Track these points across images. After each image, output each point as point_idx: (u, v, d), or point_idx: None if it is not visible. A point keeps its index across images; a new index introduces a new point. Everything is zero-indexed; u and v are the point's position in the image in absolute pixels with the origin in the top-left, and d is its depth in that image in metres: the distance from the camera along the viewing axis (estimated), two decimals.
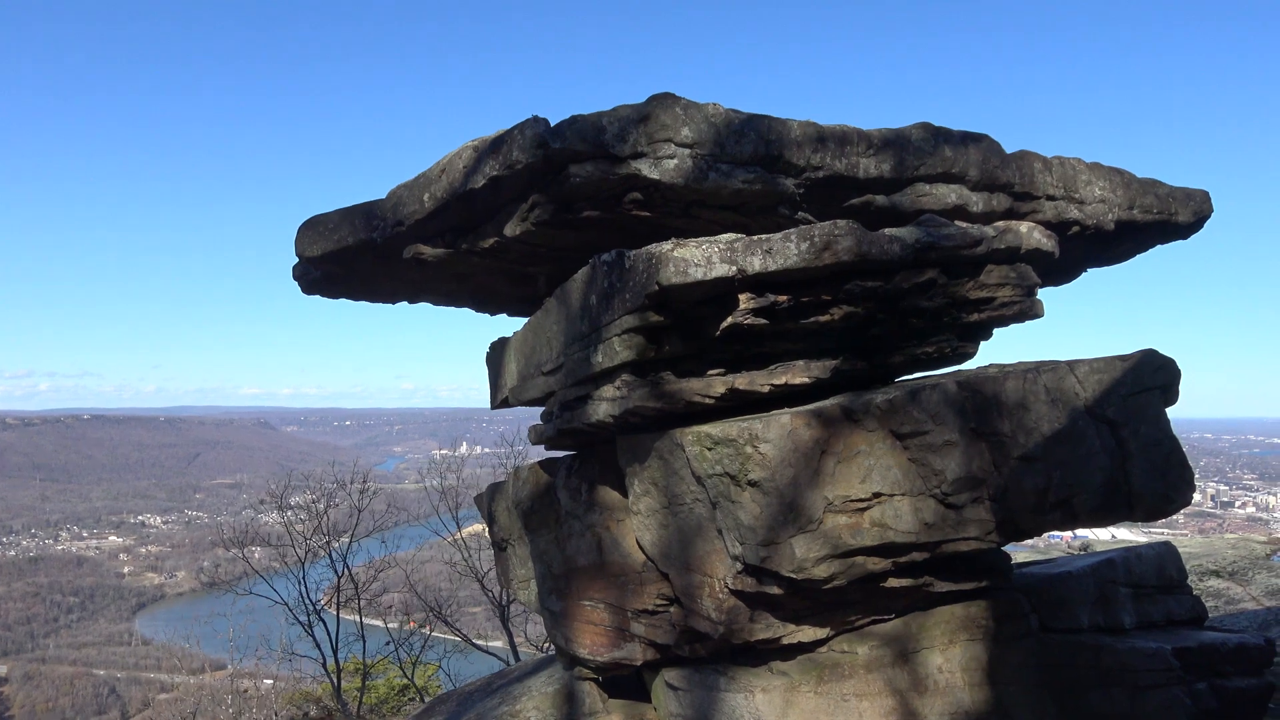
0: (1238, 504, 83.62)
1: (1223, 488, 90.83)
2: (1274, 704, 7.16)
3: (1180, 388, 5.62)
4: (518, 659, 17.68)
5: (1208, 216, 7.16)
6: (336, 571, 19.85)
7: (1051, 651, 5.76)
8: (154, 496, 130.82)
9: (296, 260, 7.19)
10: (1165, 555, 6.94)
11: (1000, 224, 5.82)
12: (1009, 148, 6.25)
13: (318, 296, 7.65)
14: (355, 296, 7.76)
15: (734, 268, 4.95)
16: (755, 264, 4.97)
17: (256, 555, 22.16)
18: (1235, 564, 15.84)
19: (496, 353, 7.61)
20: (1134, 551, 6.90)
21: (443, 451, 25.77)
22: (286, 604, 19.08)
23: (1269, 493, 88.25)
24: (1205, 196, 7.13)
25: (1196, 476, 5.73)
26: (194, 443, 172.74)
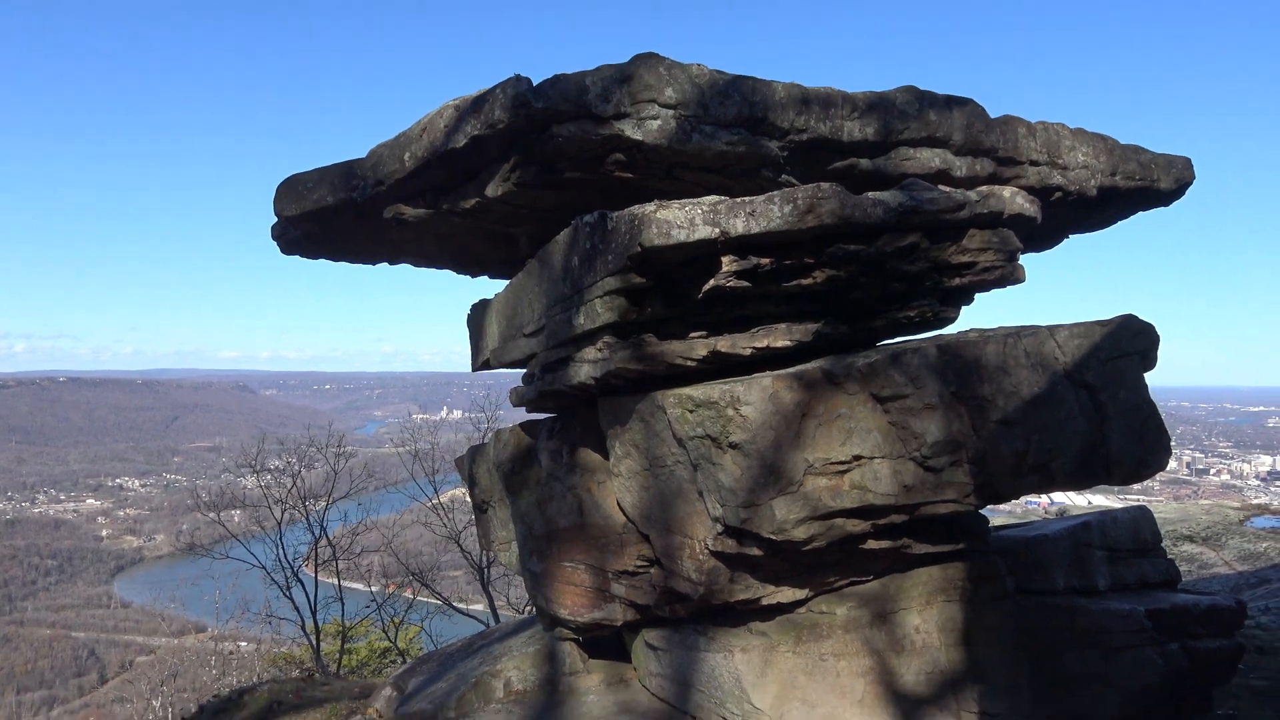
0: (1213, 471, 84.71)
1: (1198, 455, 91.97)
2: (1243, 664, 7.30)
3: (1159, 354, 5.66)
4: (498, 622, 17.77)
5: (1189, 183, 7.18)
6: (314, 534, 19.84)
7: (1027, 613, 5.83)
8: (132, 460, 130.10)
9: (275, 220, 7.12)
10: (1140, 519, 7.02)
11: (983, 188, 5.82)
12: (994, 113, 6.24)
13: (297, 257, 7.58)
14: (335, 257, 7.68)
15: (717, 230, 4.94)
16: (738, 226, 4.96)
17: (235, 518, 22.13)
18: (1209, 529, 16.08)
19: (478, 315, 7.57)
20: (1110, 515, 6.98)
21: (421, 416, 25.73)
22: (264, 567, 19.08)
23: (1243, 460, 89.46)
24: (1187, 164, 7.15)
25: (1173, 444, 5.78)
26: (172, 406, 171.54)
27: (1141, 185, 6.86)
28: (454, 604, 21.16)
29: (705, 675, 6.09)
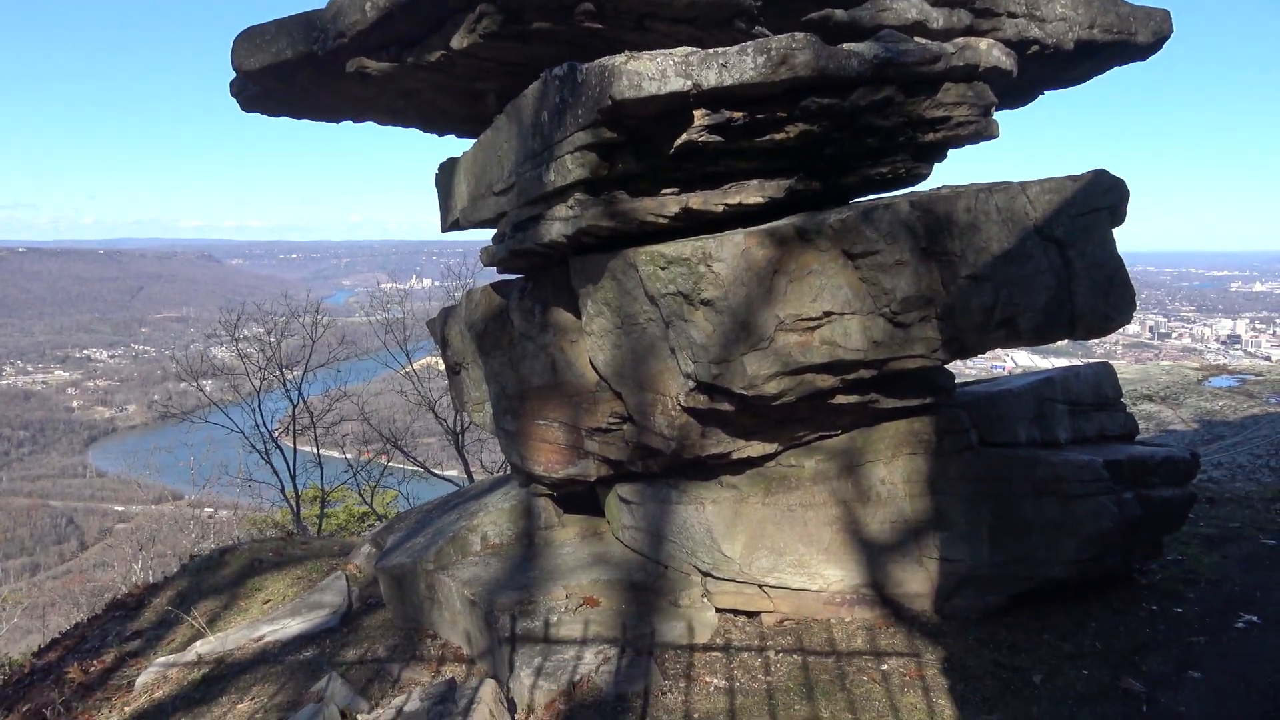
0: (1174, 335, 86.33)
1: (1161, 319, 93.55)
2: (1194, 514, 7.61)
3: (1128, 210, 5.67)
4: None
5: (1167, 37, 7.07)
6: (291, 401, 19.93)
7: (989, 464, 6.00)
8: (98, 331, 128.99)
9: (234, 75, 6.90)
10: (1102, 374, 7.18)
11: (959, 40, 5.70)
12: None
13: (258, 115, 7.38)
14: (297, 114, 7.48)
15: (689, 82, 4.83)
16: (710, 78, 4.85)
17: (209, 388, 22.14)
18: (1168, 389, 16.51)
19: (446, 173, 7.44)
20: (1073, 371, 7.13)
21: (391, 285, 25.56)
22: (243, 432, 19.21)
23: (1205, 324, 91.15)
24: (1165, 16, 7.03)
25: (1137, 308, 5.85)
26: (136, 276, 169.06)
27: (1119, 38, 6.75)
28: (430, 469, 21.49)
29: (677, 527, 6.27)
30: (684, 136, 5.09)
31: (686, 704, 5.23)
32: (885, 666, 5.47)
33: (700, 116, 5.04)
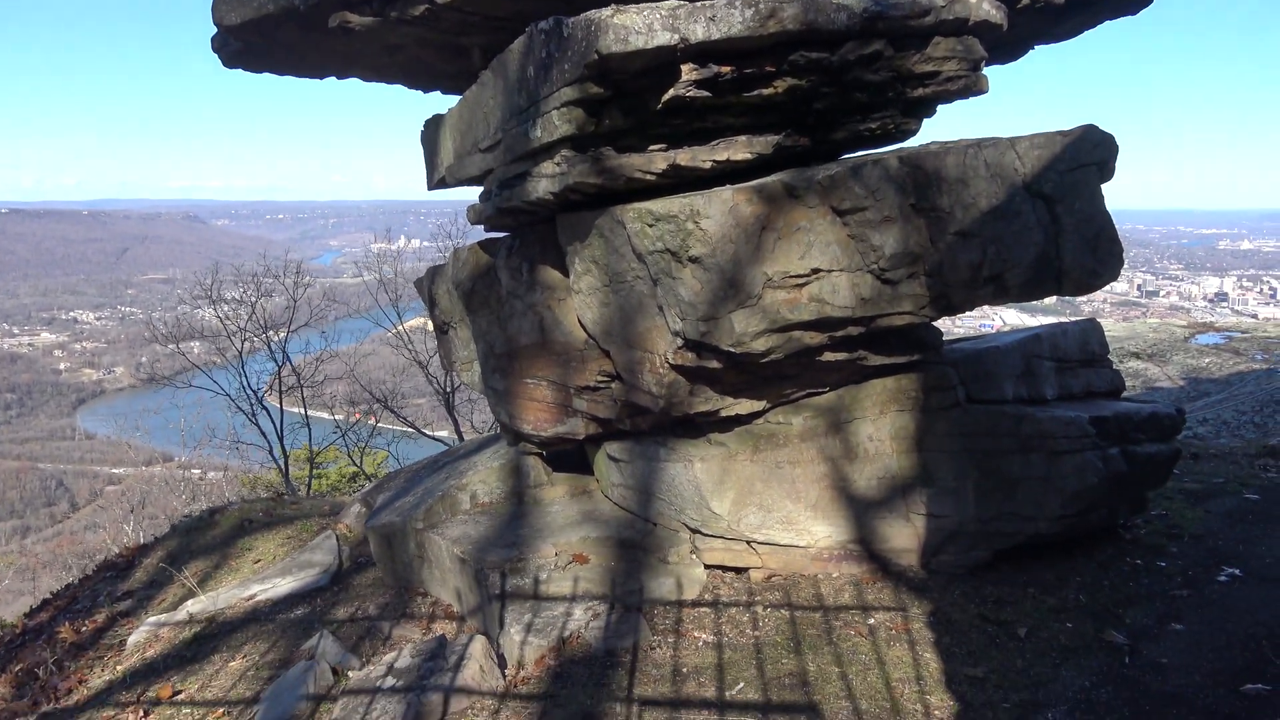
0: (1162, 293, 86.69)
1: (1149, 278, 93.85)
2: (1178, 469, 7.67)
3: (1117, 165, 5.65)
4: None
5: None
6: (277, 362, 19.89)
7: (976, 420, 6.02)
8: (84, 293, 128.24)
9: (215, 30, 6.79)
10: (1089, 331, 7.20)
11: None
12: None
13: (240, 72, 7.28)
14: (280, 70, 7.38)
15: (676, 35, 4.77)
16: (698, 32, 4.79)
17: (195, 350, 22.08)
18: (1155, 346, 16.58)
19: (432, 130, 7.36)
20: (1060, 327, 7.15)
21: (380, 244, 25.43)
22: (229, 395, 19.19)
23: (1193, 282, 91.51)
24: None
25: (1125, 266, 5.84)
26: (121, 237, 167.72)
27: None
28: (421, 429, 21.53)
29: (665, 484, 6.30)
30: (671, 91, 5.04)
31: (675, 658, 5.28)
32: (872, 621, 5.53)
33: (688, 71, 4.99)
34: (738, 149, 5.53)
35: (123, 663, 6.79)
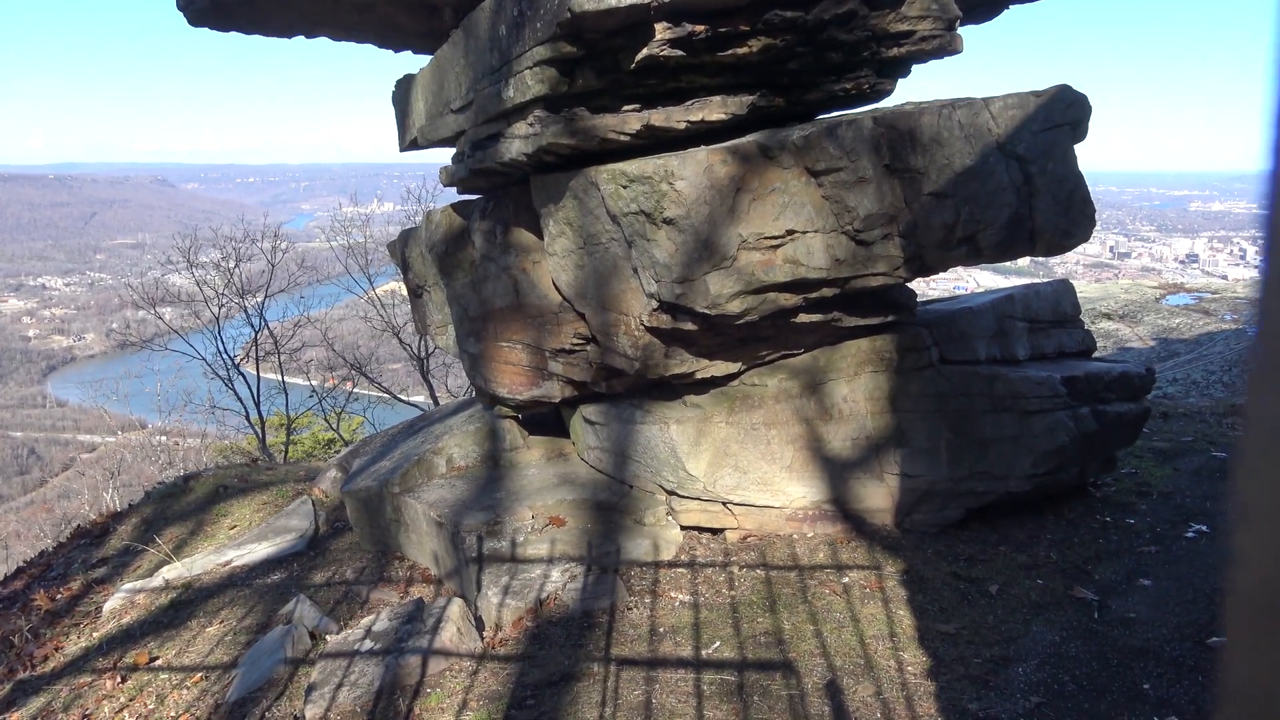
0: (1134, 255, 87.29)
1: (1121, 239, 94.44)
2: (1148, 428, 7.76)
3: (1089, 126, 5.65)
4: None
5: None
6: (254, 327, 19.72)
7: (949, 381, 6.06)
8: (52, 258, 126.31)
9: None
10: (1062, 292, 7.24)
11: None
12: None
13: (207, 30, 7.13)
14: (247, 29, 7.23)
15: None
16: None
17: (168, 315, 21.83)
18: (1127, 307, 16.72)
19: (403, 91, 7.27)
20: (1033, 289, 7.18)
21: (352, 209, 25.17)
22: (205, 359, 19.04)
23: (1164, 244, 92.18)
24: None
25: (1098, 228, 5.86)
26: (89, 202, 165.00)
27: None
28: (396, 394, 21.45)
29: (641, 446, 6.31)
30: (645, 51, 4.98)
31: (652, 618, 5.32)
32: (846, 579, 5.59)
33: (661, 30, 4.93)
34: (712, 109, 5.50)
35: (99, 629, 6.77)
